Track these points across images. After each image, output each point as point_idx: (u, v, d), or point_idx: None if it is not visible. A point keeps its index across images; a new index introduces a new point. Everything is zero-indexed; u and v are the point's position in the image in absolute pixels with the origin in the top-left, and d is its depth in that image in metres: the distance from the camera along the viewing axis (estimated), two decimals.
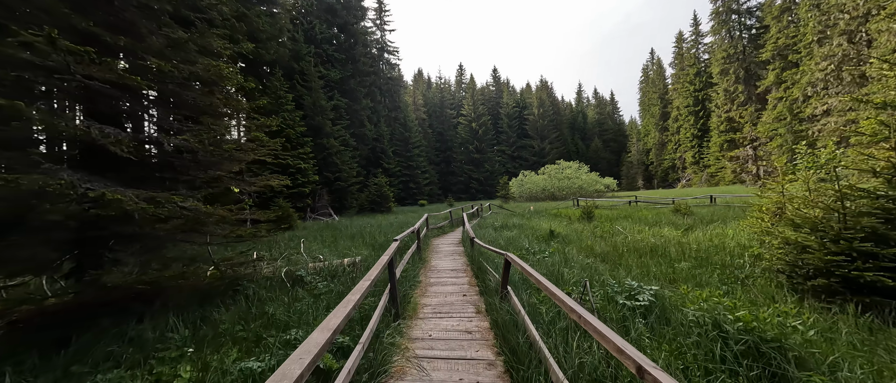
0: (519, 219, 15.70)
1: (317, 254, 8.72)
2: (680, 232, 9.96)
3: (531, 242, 9.29)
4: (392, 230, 13.74)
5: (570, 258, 6.81)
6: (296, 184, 18.73)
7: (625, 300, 3.93)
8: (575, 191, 36.96)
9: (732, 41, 42.43)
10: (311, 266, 6.96)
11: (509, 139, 70.62)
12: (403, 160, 49.52)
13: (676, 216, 13.48)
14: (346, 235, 12.44)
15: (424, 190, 51.94)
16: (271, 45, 21.88)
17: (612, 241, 8.96)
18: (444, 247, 10.52)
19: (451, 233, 13.94)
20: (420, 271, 7.38)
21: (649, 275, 5.76)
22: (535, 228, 12.23)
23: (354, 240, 11.17)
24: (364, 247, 9.61)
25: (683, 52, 64.82)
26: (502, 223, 14.01)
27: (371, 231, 13.29)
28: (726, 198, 18.13)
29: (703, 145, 56.87)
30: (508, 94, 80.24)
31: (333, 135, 24.27)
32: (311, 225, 16.46)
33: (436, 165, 62.77)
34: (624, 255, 7.18)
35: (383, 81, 52.81)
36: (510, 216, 18.43)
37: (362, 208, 29.14)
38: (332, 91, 32.19)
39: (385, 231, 13.47)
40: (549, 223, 13.67)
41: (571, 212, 17.47)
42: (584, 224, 13.10)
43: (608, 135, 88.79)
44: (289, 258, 7.52)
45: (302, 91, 24.76)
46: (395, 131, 51.13)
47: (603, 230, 11.13)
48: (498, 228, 12.79)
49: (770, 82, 37.76)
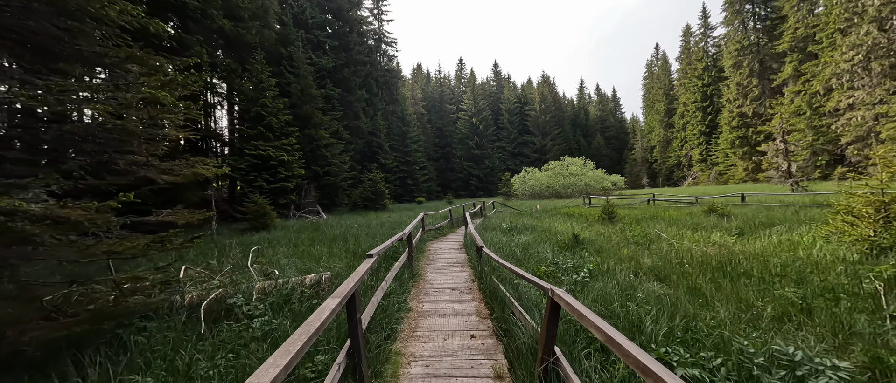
0: (528, 220, 13.78)
1: (282, 264, 6.78)
2: (733, 238, 8.06)
3: (554, 251, 7.37)
4: (383, 231, 11.82)
5: (621, 279, 4.88)
6: (277, 179, 16.73)
7: None
8: (581, 188, 35.06)
9: (746, 32, 40.43)
10: (260, 287, 5.03)
11: (510, 135, 68.65)
12: (401, 155, 47.51)
13: (712, 217, 11.59)
14: (326, 238, 10.50)
15: (422, 186, 49.97)
16: (253, 26, 19.79)
17: (658, 251, 7.05)
18: (443, 254, 8.60)
19: (452, 236, 12.02)
20: (411, 292, 5.46)
21: (756, 312, 3.84)
22: (551, 231, 10.31)
23: (335, 245, 9.23)
24: (343, 255, 7.67)
25: (691, 47, 62.81)
26: (510, 224, 12.09)
27: (358, 232, 11.35)
28: (757, 197, 16.24)
29: (711, 142, 55.03)
30: (509, 89, 78.21)
31: (323, 125, 22.24)
32: (293, 225, 14.51)
33: (434, 161, 60.80)
34: (690, 274, 5.25)
35: (380, 73, 50.67)
36: (517, 215, 16.51)
37: (355, 205, 27.17)
38: (324, 80, 30.10)
39: (374, 232, 11.54)
40: (565, 224, 11.76)
41: (586, 212, 15.56)
42: (607, 226, 11.19)
43: (610, 132, 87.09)
44: (231, 276, 5.56)
45: (289, 78, 22.70)
46: (393, 125, 49.09)
47: (634, 234, 9.22)
48: (507, 231, 10.87)
49: (787, 75, 35.84)
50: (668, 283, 5.05)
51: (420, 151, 52.70)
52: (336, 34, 35.75)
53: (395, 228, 12.32)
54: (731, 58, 42.36)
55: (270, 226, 13.17)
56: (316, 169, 20.56)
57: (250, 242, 10.08)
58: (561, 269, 5.24)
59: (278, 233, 12.19)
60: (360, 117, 35.61)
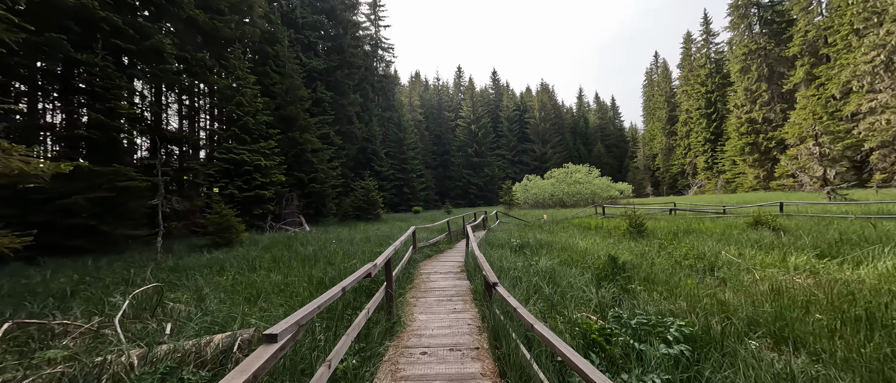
0: (540, 233, 11.80)
1: (205, 307, 4.77)
2: (820, 263, 6.11)
3: (589, 282, 5.38)
4: (368, 247, 9.81)
5: (729, 347, 2.90)
6: (252, 186, 14.71)
7: None
8: (587, 197, 33.18)
9: (753, 36, 39.26)
10: (138, 355, 3.02)
11: (509, 143, 67.11)
12: (397, 162, 45.68)
13: (763, 231, 9.65)
14: (296, 258, 8.49)
15: (420, 195, 48.02)
16: (232, 19, 18.06)
17: (732, 280, 5.09)
18: (439, 281, 6.60)
19: (450, 254, 10.02)
20: (384, 359, 3.45)
21: None
22: (573, 250, 8.33)
23: (300, 269, 7.23)
24: (302, 289, 5.64)
25: (693, 53, 61.95)
26: (520, 239, 10.10)
27: (336, 250, 9.34)
28: (796, 205, 14.35)
29: (717, 149, 53.57)
30: (508, 97, 77.10)
31: (310, 128, 20.35)
32: (266, 239, 12.46)
33: (432, 169, 59.00)
34: (819, 334, 3.27)
35: (376, 78, 49.22)
36: (524, 228, 14.54)
37: (346, 215, 25.13)
38: (315, 82, 28.40)
39: (358, 249, 9.53)
40: (587, 241, 9.78)
41: (603, 224, 13.62)
42: (639, 242, 9.23)
43: (610, 140, 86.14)
44: (99, 334, 3.53)
45: (275, 78, 20.93)
46: (389, 132, 47.38)
47: (681, 254, 7.26)
48: (518, 249, 8.87)
49: (799, 79, 34.47)
50: (799, 346, 3.07)
51: (417, 159, 50.93)
52: (329, 36, 34.25)
53: (383, 244, 10.31)
54: (738, 62, 41.11)
55: (235, 241, 11.12)
56: (300, 175, 18.58)
57: (196, 264, 8.04)
58: (624, 324, 3.28)
59: (241, 250, 10.15)
60: (354, 122, 33.84)
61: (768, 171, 38.75)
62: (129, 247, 10.64)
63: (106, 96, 10.90)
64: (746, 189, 43.13)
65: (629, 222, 10.24)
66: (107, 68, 10.98)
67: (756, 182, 40.11)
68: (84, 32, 11.37)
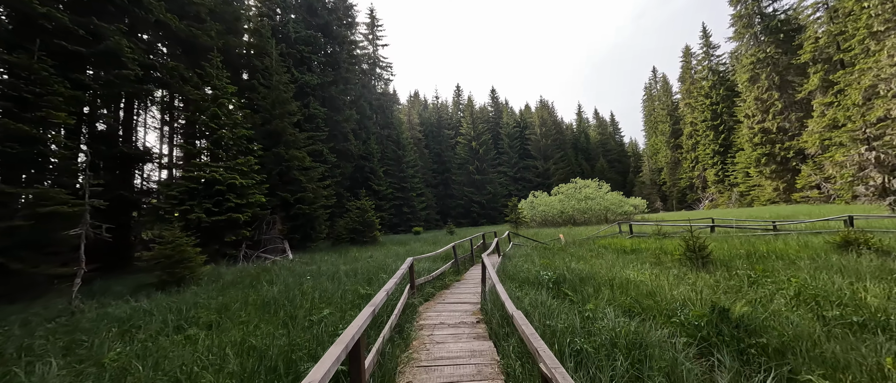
0: (570, 260, 9.56)
1: None
2: None
3: (682, 349, 3.16)
4: (352, 285, 7.58)
5: None
6: (223, 209, 12.58)
7: None
8: (599, 213, 30.97)
9: (760, 45, 38.25)
10: None
11: (511, 160, 65.53)
12: (396, 181, 43.75)
13: (861, 253, 7.45)
14: (255, 305, 6.26)
15: (420, 215, 45.78)
16: (213, 27, 16.56)
17: None
18: (448, 343, 4.37)
19: (459, 289, 7.79)
20: None
21: None
22: (627, 287, 6.10)
23: (249, 325, 5.00)
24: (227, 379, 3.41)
25: (693, 66, 61.41)
26: (548, 269, 7.87)
27: (311, 289, 7.10)
28: (866, 219, 12.17)
29: (727, 161, 51.77)
30: (508, 114, 76.42)
31: (297, 143, 18.45)
32: (232, 273, 10.21)
33: (433, 188, 57.04)
34: None
35: (374, 97, 48.21)
36: (544, 251, 12.30)
37: (339, 239, 22.86)
38: (308, 98, 26.87)
39: (339, 288, 7.30)
40: (633, 270, 7.56)
41: (638, 245, 11.43)
42: (705, 271, 7.02)
43: (612, 155, 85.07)
44: None
45: (262, 92, 19.29)
46: (387, 149, 45.73)
47: (800, 294, 5.06)
48: (553, 284, 6.61)
49: (814, 86, 33.03)
50: None
51: (417, 177, 49.05)
52: (324, 52, 33.13)
53: (372, 280, 8.06)
54: (746, 72, 39.94)
55: (190, 278, 8.87)
56: (284, 195, 16.48)
57: (115, 317, 5.80)
58: None
59: (191, 292, 7.91)
60: (350, 139, 32.13)
61: (788, 183, 36.69)
62: (50, 290, 8.39)
63: (37, 104, 8.98)
64: (763, 202, 40.91)
65: (687, 245, 8.03)
66: (42, 71, 9.12)
67: (775, 194, 37.96)
68: (18, 30, 9.60)
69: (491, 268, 5.51)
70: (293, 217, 16.94)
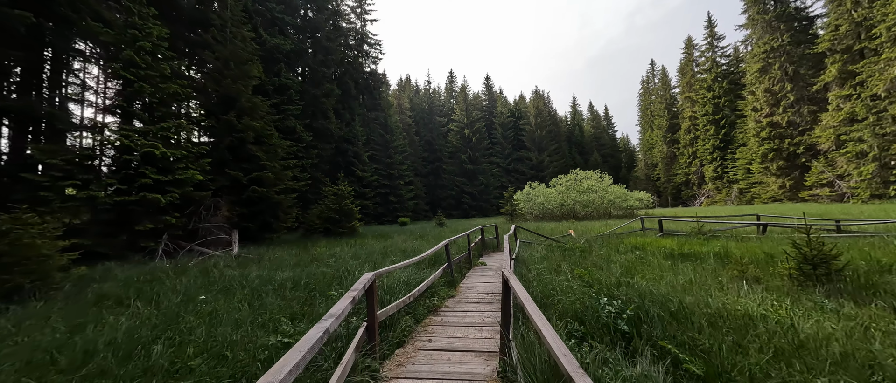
0: (614, 267, 6.75)
1: None
2: None
3: None
4: (289, 303, 4.59)
5: None
6: (135, 186, 9.29)
7: None
8: (604, 207, 28.53)
9: (774, 33, 36.07)
10: None
11: (504, 150, 62.74)
12: (382, 168, 40.43)
13: None
14: (81, 352, 3.20)
15: (408, 204, 42.70)
16: None
17: None
18: None
19: (456, 309, 4.91)
20: None
21: None
22: (786, 341, 3.24)
23: None
24: None
25: (695, 58, 59.39)
26: (601, 290, 5.03)
27: (196, 324, 4.07)
28: None
29: (727, 157, 50.22)
30: (502, 103, 73.39)
31: (256, 111, 15.04)
32: (128, 277, 7.06)
33: (423, 177, 53.86)
34: None
35: (361, 76, 44.38)
36: (563, 251, 9.49)
37: (312, 229, 19.67)
38: (279, 65, 23.21)
39: (254, 319, 4.32)
40: (727, 295, 4.77)
41: (679, 246, 8.78)
42: (843, 300, 4.27)
43: (606, 150, 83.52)
44: None
45: (217, 49, 15.71)
46: (374, 133, 42.23)
47: None
48: (629, 324, 3.72)
49: (831, 77, 31.04)
50: None
51: (405, 164, 45.80)
52: (300, 13, 29.21)
53: (315, 303, 5.07)
54: (757, 62, 37.80)
55: (31, 289, 5.67)
56: (235, 173, 13.15)
57: None
58: None
59: (24, 312, 4.76)
60: (330, 117, 28.58)
61: (796, 180, 35.02)
62: None
63: None
64: (765, 199, 39.37)
65: (802, 255, 5.26)
66: None
67: (781, 192, 36.32)
68: None
69: (532, 310, 2.57)
70: (247, 201, 13.65)
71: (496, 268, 9.02)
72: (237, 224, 12.93)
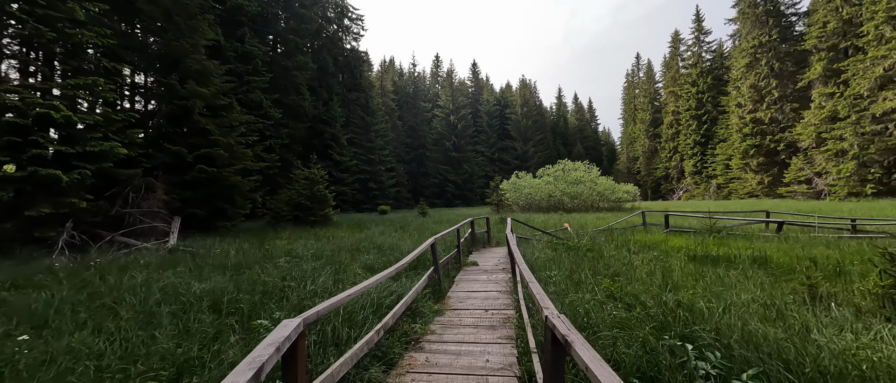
0: (639, 272, 5.39)
1: None
2: None
3: None
4: (209, 329, 2.88)
5: None
6: (28, 160, 7.10)
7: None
8: (592, 199, 27.75)
9: (763, 28, 35.95)
10: None
11: (489, 139, 61.36)
12: (362, 152, 38.08)
13: None
14: None
15: (389, 192, 40.73)
16: None
17: None
18: None
19: (446, 338, 3.33)
20: None
21: None
22: None
23: None
24: None
25: (681, 52, 59.51)
26: (641, 310, 3.62)
27: None
28: None
29: (707, 153, 50.97)
30: (488, 91, 71.60)
31: (207, 77, 12.66)
32: None
33: (405, 164, 51.77)
34: None
35: (340, 52, 41.32)
36: (568, 250, 8.13)
37: (280, 217, 17.59)
38: (243, 28, 20.41)
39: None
40: (778, 328, 3.42)
41: (701, 247, 7.61)
42: None
43: (589, 142, 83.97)
44: None
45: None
46: (354, 115, 39.57)
47: None
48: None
49: (816, 75, 31.22)
50: None
51: (387, 150, 43.53)
52: None
53: (224, 347, 3.36)
54: (744, 57, 37.74)
55: None
56: (177, 148, 10.92)
57: None
58: None
59: None
60: (303, 93, 25.98)
61: (774, 177, 35.62)
62: None
63: None
64: (741, 195, 40.10)
65: (888, 268, 4.03)
66: None
67: (759, 188, 36.93)
68: None
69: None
70: (193, 183, 11.45)
71: (491, 269, 7.53)
72: (180, 210, 10.77)
